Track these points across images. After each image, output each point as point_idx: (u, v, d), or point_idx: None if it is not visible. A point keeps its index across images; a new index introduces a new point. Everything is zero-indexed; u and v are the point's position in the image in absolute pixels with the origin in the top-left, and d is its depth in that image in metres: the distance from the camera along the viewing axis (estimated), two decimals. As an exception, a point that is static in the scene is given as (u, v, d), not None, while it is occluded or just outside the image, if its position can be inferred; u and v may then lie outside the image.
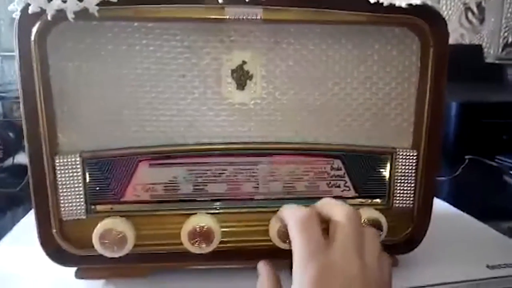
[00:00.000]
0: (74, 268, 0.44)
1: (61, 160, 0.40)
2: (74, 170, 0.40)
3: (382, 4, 0.39)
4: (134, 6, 0.37)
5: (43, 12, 0.36)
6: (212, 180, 0.42)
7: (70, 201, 0.41)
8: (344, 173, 0.44)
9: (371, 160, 0.44)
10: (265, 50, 0.41)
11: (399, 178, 0.44)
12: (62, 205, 0.40)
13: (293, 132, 0.43)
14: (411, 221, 0.45)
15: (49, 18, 0.36)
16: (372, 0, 0.39)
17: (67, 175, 0.40)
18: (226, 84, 0.41)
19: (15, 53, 0.37)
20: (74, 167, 0.40)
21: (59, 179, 0.40)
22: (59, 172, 0.40)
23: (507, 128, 1.07)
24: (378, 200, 0.45)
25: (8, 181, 0.85)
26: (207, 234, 0.41)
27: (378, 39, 0.42)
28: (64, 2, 0.35)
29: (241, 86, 0.41)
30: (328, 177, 0.43)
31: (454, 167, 0.92)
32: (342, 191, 0.44)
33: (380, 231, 0.42)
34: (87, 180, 0.41)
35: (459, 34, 1.70)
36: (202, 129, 0.42)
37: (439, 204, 0.65)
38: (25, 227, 0.57)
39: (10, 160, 0.94)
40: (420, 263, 0.47)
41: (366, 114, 0.43)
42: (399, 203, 0.45)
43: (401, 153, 0.43)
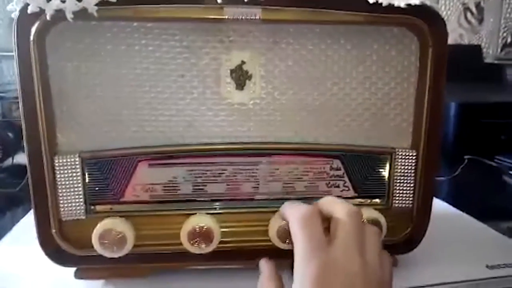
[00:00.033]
0: (74, 268, 0.44)
1: (60, 160, 0.40)
2: (74, 170, 0.40)
3: (381, 4, 0.39)
4: (133, 6, 0.37)
5: (42, 12, 0.36)
6: (211, 180, 0.42)
7: (70, 201, 0.41)
8: (343, 173, 0.44)
9: (370, 160, 0.44)
10: (264, 50, 0.41)
11: (399, 178, 0.44)
12: (62, 205, 0.40)
13: (292, 132, 0.43)
14: (410, 221, 0.45)
15: (48, 18, 0.36)
16: (371, 0, 0.39)
17: (66, 175, 0.40)
18: (225, 84, 0.41)
19: (14, 53, 0.37)
20: (74, 167, 0.40)
21: (58, 179, 0.40)
22: (58, 172, 0.40)
23: (506, 128, 1.07)
24: (377, 200, 0.45)
25: (7, 181, 0.85)
26: (206, 234, 0.41)
27: (377, 39, 0.42)
28: (63, 2, 0.35)
29: (240, 86, 0.41)
30: (327, 177, 0.43)
31: (453, 167, 0.92)
32: (342, 191, 0.44)
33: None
34: (87, 180, 0.41)
35: (458, 34, 1.70)
36: (201, 129, 0.42)
37: (438, 204, 0.65)
38: (24, 227, 0.57)
39: (9, 160, 0.94)
40: (420, 263, 0.47)
41: (365, 114, 0.43)
42: (398, 203, 0.45)
43: (400, 153, 0.44)
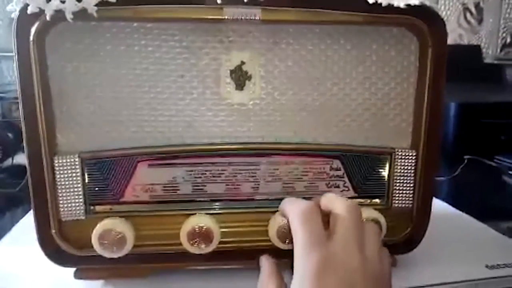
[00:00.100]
0: (73, 269, 0.44)
1: (60, 161, 0.40)
2: (73, 171, 0.40)
3: (381, 4, 0.39)
4: (133, 7, 0.37)
5: (41, 12, 0.35)
6: (211, 180, 0.42)
7: (69, 201, 0.41)
8: (343, 173, 0.44)
9: (370, 160, 0.44)
10: (263, 51, 0.41)
11: (398, 178, 0.44)
12: (61, 205, 0.40)
13: (292, 132, 0.43)
14: (410, 221, 0.45)
15: (47, 19, 0.36)
16: (370, 1, 0.39)
17: (66, 175, 0.40)
18: (225, 84, 0.41)
19: (13, 53, 0.37)
20: (73, 167, 0.40)
21: (58, 180, 0.40)
22: (58, 172, 0.40)
23: (505, 128, 1.07)
24: (377, 200, 0.45)
25: (7, 181, 0.85)
26: (206, 234, 0.41)
27: (376, 39, 0.42)
28: (63, 3, 0.35)
29: (240, 87, 0.41)
30: (327, 177, 0.44)
31: (453, 167, 0.92)
32: (341, 191, 0.44)
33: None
34: (86, 181, 0.41)
35: (458, 35, 1.70)
36: (201, 129, 0.42)
37: (438, 204, 0.65)
38: (24, 227, 0.57)
39: (9, 161, 0.94)
40: (419, 263, 0.47)
41: (365, 114, 0.43)
42: (398, 203, 0.45)
43: (400, 153, 0.44)
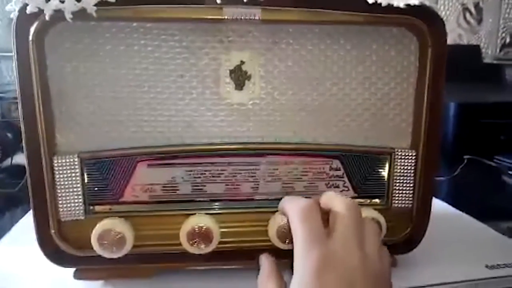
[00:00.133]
0: (73, 269, 0.43)
1: (59, 161, 0.40)
2: (73, 171, 0.40)
3: (380, 4, 0.39)
4: (132, 7, 0.37)
5: (41, 12, 0.35)
6: (211, 180, 0.42)
7: (69, 201, 0.40)
8: (343, 173, 0.44)
9: (369, 160, 0.44)
10: (263, 51, 0.41)
11: (398, 178, 0.44)
12: (61, 205, 0.40)
13: (291, 132, 0.43)
14: (410, 221, 0.45)
15: (47, 18, 0.36)
16: (370, 1, 0.39)
17: (65, 175, 0.40)
18: (225, 84, 0.41)
19: (13, 53, 0.37)
20: (72, 167, 0.40)
21: (57, 180, 0.40)
22: (57, 172, 0.40)
23: (505, 128, 1.07)
24: (377, 200, 0.45)
25: (6, 181, 0.85)
26: (206, 235, 0.41)
27: (376, 39, 0.42)
28: (62, 2, 0.35)
29: (239, 87, 0.41)
30: (327, 177, 0.43)
31: (452, 167, 0.92)
32: (341, 191, 0.44)
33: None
34: (86, 181, 0.41)
35: (457, 35, 1.70)
36: (200, 129, 0.42)
37: (438, 204, 0.65)
38: (23, 227, 0.57)
39: (8, 161, 0.93)
40: (419, 263, 0.47)
41: (365, 114, 0.43)
42: (398, 203, 0.44)
43: (399, 153, 0.43)
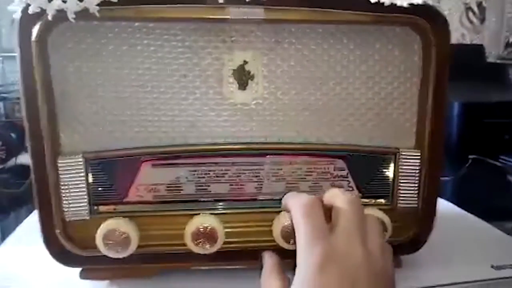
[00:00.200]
0: (79, 269, 0.43)
1: (63, 161, 0.40)
2: (77, 171, 0.40)
3: (383, 3, 0.39)
4: (135, 6, 0.37)
5: (43, 12, 0.35)
6: (215, 180, 0.42)
7: (73, 201, 0.40)
8: (347, 173, 0.43)
9: (374, 160, 0.43)
10: (266, 50, 0.41)
11: (403, 178, 0.44)
12: (65, 205, 0.40)
13: (295, 132, 0.42)
14: (415, 221, 0.45)
15: (49, 18, 0.36)
16: (373, 0, 0.39)
17: (69, 175, 0.40)
18: (228, 84, 0.41)
19: (16, 53, 0.37)
20: (77, 167, 0.40)
21: (62, 180, 0.40)
22: (61, 172, 0.40)
23: (509, 128, 1.06)
24: (382, 200, 0.45)
25: (11, 181, 0.86)
26: (210, 235, 0.41)
27: (379, 38, 0.42)
28: (65, 2, 0.35)
29: (242, 86, 0.41)
30: (331, 177, 0.43)
31: (457, 167, 0.92)
32: (346, 191, 0.44)
33: (384, 232, 0.42)
34: (90, 181, 0.41)
35: (460, 34, 1.70)
36: (203, 129, 0.41)
37: (442, 204, 0.64)
38: (28, 227, 0.57)
39: (12, 161, 0.94)
40: (424, 263, 0.47)
41: (369, 114, 0.43)
42: (403, 203, 0.44)
43: (404, 153, 0.43)
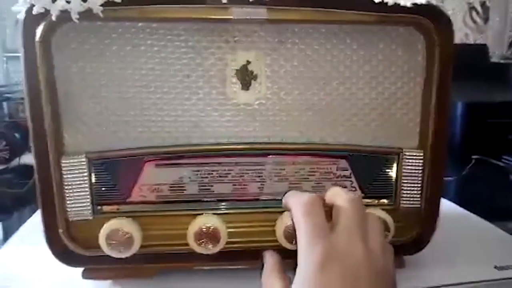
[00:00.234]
0: (81, 268, 0.44)
1: (67, 161, 0.40)
2: (80, 171, 0.40)
3: (387, 3, 0.38)
4: (138, 7, 0.37)
5: (47, 13, 0.36)
6: (218, 180, 0.42)
7: (76, 201, 0.41)
8: (350, 173, 0.43)
9: (377, 160, 0.43)
10: (269, 50, 0.41)
11: (406, 178, 0.44)
12: (69, 205, 0.41)
13: (298, 132, 0.42)
14: (418, 221, 0.45)
15: (53, 19, 0.36)
16: (376, 0, 0.39)
17: (73, 175, 0.40)
18: (231, 84, 0.41)
19: (20, 54, 0.37)
20: (80, 167, 0.40)
21: (65, 180, 0.40)
22: (65, 172, 0.40)
23: (512, 128, 1.06)
24: (384, 200, 0.44)
25: (14, 181, 0.86)
26: (213, 235, 0.41)
27: (383, 38, 0.41)
28: (68, 3, 0.35)
29: (245, 86, 0.41)
30: (334, 177, 0.43)
31: (460, 167, 0.92)
32: (349, 191, 0.44)
33: (387, 232, 0.42)
34: (93, 181, 0.41)
35: (464, 34, 1.70)
36: (207, 129, 0.41)
37: (445, 205, 0.64)
38: (31, 227, 0.57)
39: (16, 161, 0.94)
40: (427, 264, 0.47)
41: (372, 114, 0.43)
42: (406, 204, 0.44)
43: (407, 153, 0.43)
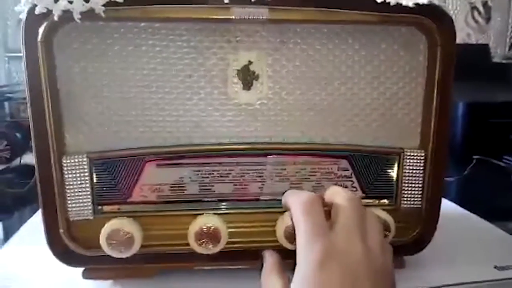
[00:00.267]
0: (82, 268, 0.44)
1: (68, 161, 0.40)
2: (81, 171, 0.40)
3: (389, 3, 0.39)
4: (140, 7, 0.37)
5: (49, 13, 0.36)
6: (218, 180, 0.42)
7: (77, 201, 0.41)
8: (351, 173, 0.43)
9: (378, 160, 0.43)
10: (271, 50, 0.41)
11: (407, 178, 0.44)
12: (69, 205, 0.41)
13: (299, 132, 0.42)
14: (419, 221, 0.45)
15: (55, 19, 0.36)
16: (379, 0, 0.39)
17: (74, 175, 0.40)
18: (232, 84, 0.41)
19: (22, 54, 0.37)
20: (81, 167, 0.40)
21: (66, 180, 0.40)
22: (66, 172, 0.40)
23: (514, 128, 1.06)
24: (385, 200, 0.44)
25: (15, 181, 0.86)
26: (214, 235, 0.41)
27: (385, 38, 0.41)
28: (71, 3, 0.35)
29: (247, 86, 0.41)
30: (335, 177, 0.43)
31: (461, 167, 0.92)
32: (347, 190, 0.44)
33: (387, 232, 0.42)
34: (94, 181, 0.41)
35: (466, 34, 1.69)
36: (208, 129, 0.42)
37: (446, 205, 0.64)
38: (32, 227, 0.57)
39: (17, 161, 0.94)
40: (428, 264, 0.47)
41: (373, 114, 0.43)
42: (407, 204, 0.44)
43: (408, 153, 0.43)
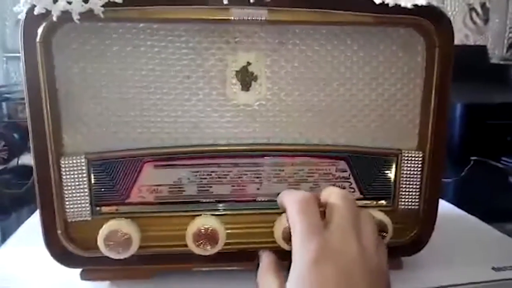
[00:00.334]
0: (80, 269, 0.44)
1: (66, 162, 0.40)
2: (79, 172, 0.40)
3: (387, 5, 0.39)
4: (139, 7, 0.37)
5: (48, 13, 0.36)
6: (216, 181, 0.42)
7: (75, 202, 0.41)
8: (349, 174, 0.43)
9: (376, 161, 0.43)
10: (270, 51, 0.41)
11: (405, 179, 0.44)
12: (67, 206, 0.41)
13: (298, 133, 0.43)
14: (416, 223, 0.45)
15: (54, 19, 0.36)
16: (377, 1, 0.39)
17: (72, 176, 0.40)
18: (231, 85, 0.41)
19: (20, 54, 0.37)
20: (79, 168, 0.40)
21: (64, 180, 0.40)
22: (64, 173, 0.40)
23: (511, 130, 1.06)
24: (383, 201, 0.45)
25: (13, 182, 0.85)
26: (212, 236, 0.41)
27: (383, 40, 0.42)
28: (70, 3, 0.35)
29: (245, 87, 0.41)
30: (333, 178, 0.43)
31: (459, 169, 0.92)
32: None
33: (385, 233, 0.42)
34: (92, 182, 0.41)
35: (463, 35, 1.70)
36: (206, 130, 0.42)
37: (444, 206, 0.64)
38: (30, 228, 0.57)
39: (15, 161, 0.94)
40: (425, 265, 0.47)
41: (372, 115, 0.43)
42: (404, 205, 0.44)
43: (406, 154, 0.43)
